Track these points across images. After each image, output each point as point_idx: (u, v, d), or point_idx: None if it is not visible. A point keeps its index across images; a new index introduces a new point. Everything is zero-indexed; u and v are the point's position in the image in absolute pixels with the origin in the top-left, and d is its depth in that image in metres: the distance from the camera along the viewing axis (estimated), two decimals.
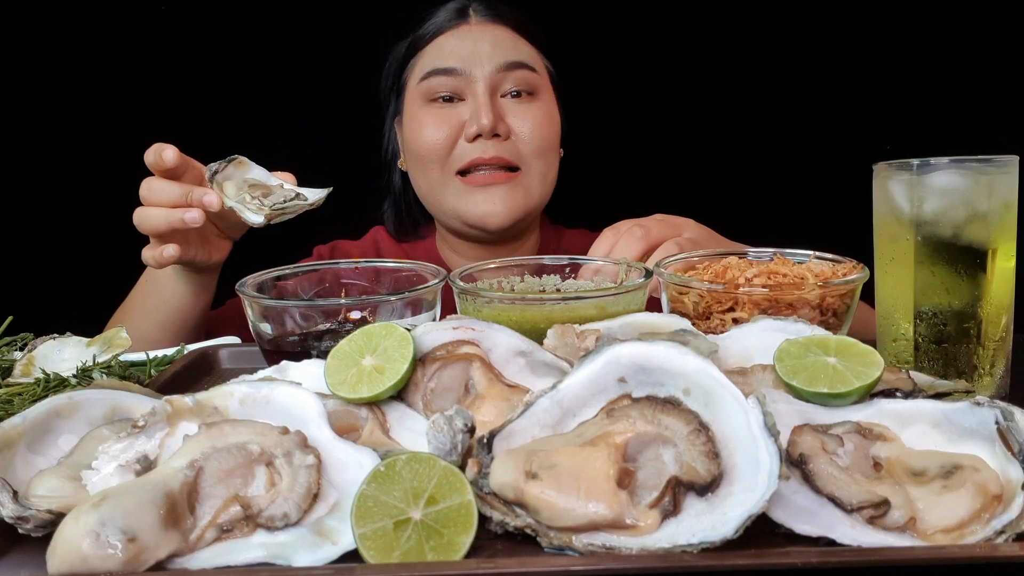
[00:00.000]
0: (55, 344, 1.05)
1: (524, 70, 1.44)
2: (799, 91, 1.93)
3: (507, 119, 1.43)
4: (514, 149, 1.44)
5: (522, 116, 1.44)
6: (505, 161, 1.43)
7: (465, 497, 0.63)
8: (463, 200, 1.45)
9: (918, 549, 0.62)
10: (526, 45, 1.48)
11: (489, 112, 1.40)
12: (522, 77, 1.44)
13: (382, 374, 0.78)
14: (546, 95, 1.50)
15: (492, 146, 1.42)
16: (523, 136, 1.44)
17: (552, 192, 1.55)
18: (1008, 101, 1.91)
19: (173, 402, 0.74)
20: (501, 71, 1.43)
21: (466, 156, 1.43)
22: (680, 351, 0.71)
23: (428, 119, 1.45)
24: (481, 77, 1.42)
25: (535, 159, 1.45)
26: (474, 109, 1.41)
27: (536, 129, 1.44)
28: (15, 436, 0.72)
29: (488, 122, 1.39)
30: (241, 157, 1.19)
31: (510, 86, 1.44)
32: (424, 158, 1.46)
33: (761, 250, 1.09)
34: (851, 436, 0.71)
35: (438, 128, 1.44)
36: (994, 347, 0.90)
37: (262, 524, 0.65)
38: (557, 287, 1.12)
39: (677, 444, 0.67)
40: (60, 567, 0.59)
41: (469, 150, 1.42)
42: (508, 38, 1.47)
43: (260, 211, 1.13)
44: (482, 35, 1.45)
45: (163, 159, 1.14)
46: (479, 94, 1.41)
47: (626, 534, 0.62)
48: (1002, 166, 0.89)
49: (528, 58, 1.47)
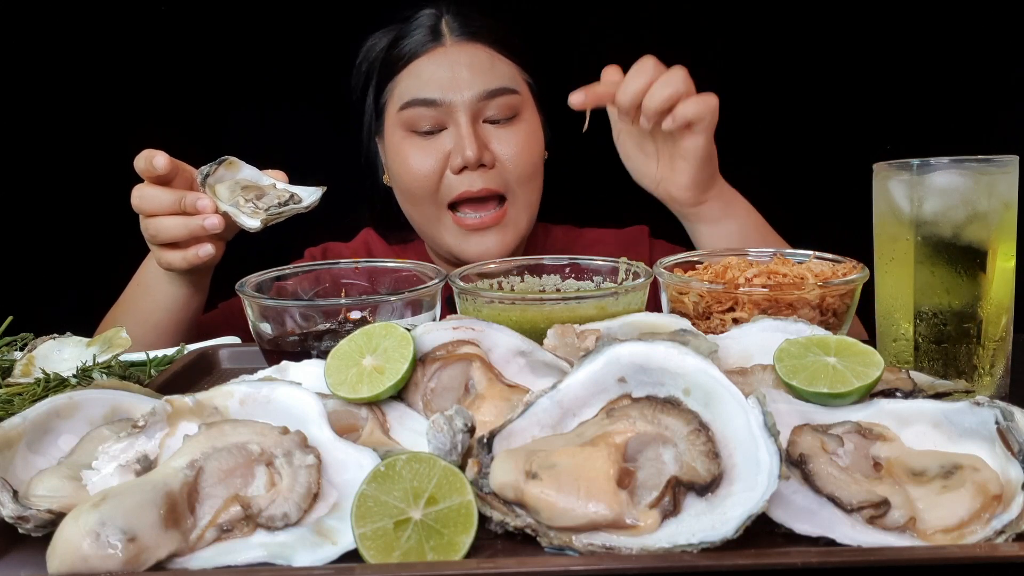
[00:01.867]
0: (55, 344, 1.05)
1: (505, 96, 1.43)
2: (799, 91, 1.93)
3: (491, 146, 1.42)
4: (500, 177, 1.43)
5: (506, 141, 1.43)
6: (492, 192, 1.42)
7: (465, 497, 0.63)
8: (459, 241, 1.45)
9: (918, 549, 0.62)
10: (504, 63, 1.45)
11: (473, 143, 1.38)
12: (504, 103, 1.43)
13: (382, 374, 0.78)
14: (528, 113, 1.48)
15: (479, 178, 1.40)
16: (507, 163, 1.43)
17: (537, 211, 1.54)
18: (1008, 101, 1.91)
19: (173, 402, 0.74)
20: (482, 99, 1.41)
21: (455, 189, 1.41)
22: (680, 351, 0.71)
23: (412, 152, 1.43)
24: (462, 106, 1.40)
25: (520, 186, 1.45)
26: (457, 140, 1.40)
27: (520, 155, 1.43)
28: (15, 436, 0.72)
29: (473, 154, 1.38)
30: (231, 158, 1.18)
31: (492, 112, 1.43)
32: (413, 193, 1.45)
33: (761, 250, 1.09)
34: (851, 436, 0.71)
35: (423, 161, 1.42)
36: (994, 347, 0.90)
37: (262, 524, 0.65)
38: (557, 287, 1.12)
39: (677, 444, 0.67)
40: (60, 567, 0.59)
41: (457, 183, 1.41)
42: (485, 59, 1.44)
43: (255, 215, 1.13)
44: (459, 58, 1.42)
45: (154, 166, 1.14)
46: (461, 124, 1.40)
47: (626, 534, 0.62)
48: (1002, 166, 0.89)
49: (508, 80, 1.45)
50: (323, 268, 1.14)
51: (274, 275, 1.10)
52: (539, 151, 1.49)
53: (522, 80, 1.49)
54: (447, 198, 1.42)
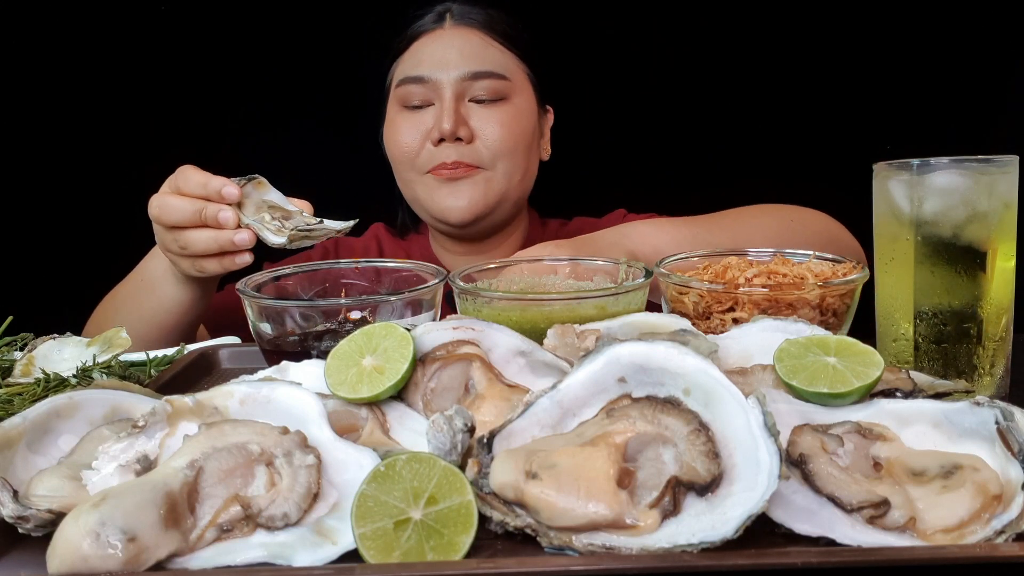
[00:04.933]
0: (55, 344, 1.05)
1: (491, 79, 1.50)
2: (799, 91, 1.93)
3: (471, 123, 1.49)
4: (476, 153, 1.50)
5: (486, 120, 1.50)
6: (465, 165, 1.49)
7: (465, 497, 0.63)
8: (431, 194, 1.53)
9: (918, 549, 0.62)
10: (497, 49, 1.52)
11: (451, 117, 1.46)
12: (489, 86, 1.50)
13: (382, 374, 0.78)
14: (518, 98, 1.53)
15: (455, 150, 1.48)
16: (486, 139, 1.50)
17: (528, 190, 1.60)
18: (1008, 101, 1.91)
19: (173, 402, 0.74)
20: (467, 79, 1.49)
21: (432, 160, 1.50)
22: (680, 351, 0.71)
23: (402, 124, 1.53)
24: (447, 83, 1.48)
25: (498, 160, 1.51)
26: (438, 114, 1.48)
27: (500, 131, 1.50)
28: (15, 436, 0.72)
29: (449, 127, 1.46)
30: (260, 177, 1.17)
31: (477, 93, 1.50)
32: (398, 160, 1.55)
33: (761, 250, 1.09)
34: (851, 436, 0.71)
35: (409, 133, 1.51)
36: (994, 347, 0.90)
37: (262, 524, 0.65)
38: (557, 287, 1.12)
39: (677, 444, 0.67)
40: (60, 567, 0.59)
41: (435, 153, 1.49)
42: (478, 43, 1.51)
43: (280, 232, 1.12)
44: (452, 41, 1.51)
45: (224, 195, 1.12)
46: (445, 99, 1.48)
47: (626, 534, 0.62)
48: (1002, 166, 0.89)
49: (496, 65, 1.51)
50: (323, 268, 1.14)
51: (274, 275, 1.10)
52: (522, 135, 1.54)
53: (518, 69, 1.54)
54: (425, 167, 1.51)
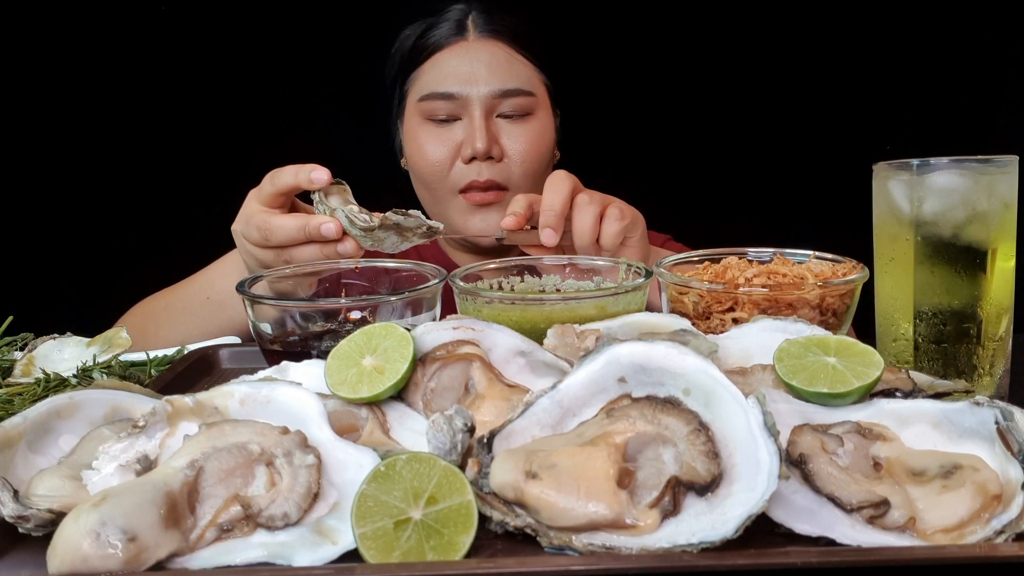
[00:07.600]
0: (55, 344, 1.05)
1: (519, 96, 1.50)
2: (799, 91, 1.93)
3: (500, 140, 1.49)
4: (506, 171, 1.50)
5: (515, 137, 1.50)
6: (496, 184, 1.49)
7: (465, 497, 0.63)
8: (464, 218, 1.52)
9: (918, 549, 0.62)
10: (522, 64, 1.52)
11: (484, 136, 1.46)
12: (517, 103, 1.50)
13: (382, 374, 0.78)
14: (541, 112, 1.54)
15: (486, 168, 1.48)
16: (514, 156, 1.50)
17: None
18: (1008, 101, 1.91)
19: (173, 402, 0.74)
20: (496, 97, 1.48)
21: (463, 178, 1.49)
22: (680, 351, 0.71)
23: (427, 139, 1.51)
24: (477, 101, 1.47)
25: (523, 180, 1.51)
26: (469, 132, 1.47)
27: (527, 148, 1.50)
28: (16, 436, 0.73)
29: (483, 146, 1.45)
30: (344, 183, 1.14)
31: (505, 109, 1.50)
32: (425, 174, 1.53)
33: (761, 250, 1.09)
34: (851, 436, 0.71)
35: (438, 148, 1.50)
36: (994, 347, 0.90)
37: (262, 524, 0.65)
38: (557, 287, 1.12)
39: (677, 444, 0.67)
40: (60, 567, 0.59)
41: (466, 172, 1.49)
42: (504, 58, 1.50)
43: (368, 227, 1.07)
44: (479, 55, 1.49)
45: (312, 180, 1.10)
46: (475, 117, 1.47)
47: (626, 534, 0.62)
48: (1002, 166, 0.89)
49: (523, 81, 1.51)
50: (323, 268, 1.14)
51: (274, 275, 1.10)
52: (547, 150, 1.55)
53: (539, 81, 1.55)
54: (457, 185, 1.50)
